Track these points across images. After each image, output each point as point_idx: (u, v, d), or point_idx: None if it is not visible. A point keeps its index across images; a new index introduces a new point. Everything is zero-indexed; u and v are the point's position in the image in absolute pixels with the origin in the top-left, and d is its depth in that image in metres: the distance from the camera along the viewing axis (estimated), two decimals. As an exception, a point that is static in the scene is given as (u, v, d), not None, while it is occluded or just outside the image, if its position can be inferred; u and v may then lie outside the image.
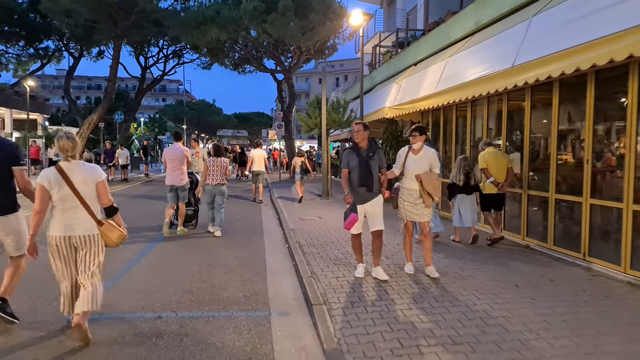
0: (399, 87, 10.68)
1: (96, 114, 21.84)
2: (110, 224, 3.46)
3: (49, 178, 3.26)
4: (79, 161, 3.38)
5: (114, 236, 3.44)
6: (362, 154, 4.78)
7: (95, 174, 3.41)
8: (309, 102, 13.68)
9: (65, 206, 3.30)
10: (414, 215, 5.00)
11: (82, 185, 3.31)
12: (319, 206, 11.31)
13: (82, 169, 3.35)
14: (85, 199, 3.32)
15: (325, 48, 26.28)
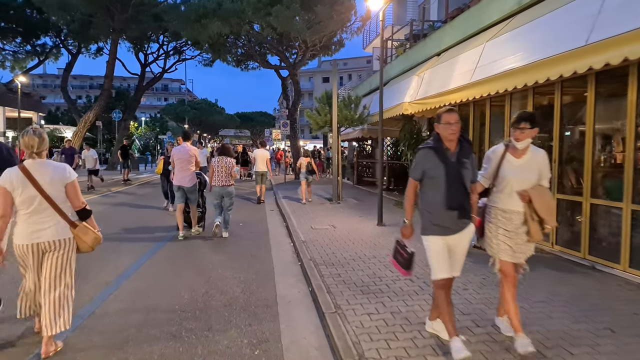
0: (421, 80, 9.56)
1: (92, 112, 20.83)
2: (85, 226, 3.21)
3: (12, 179, 2.98)
4: (45, 160, 3.09)
5: (89, 239, 3.21)
6: (451, 159, 3.04)
7: (64, 174, 3.12)
8: (318, 98, 12.58)
9: (29, 210, 3.01)
10: (511, 252, 3.20)
11: (50, 187, 3.03)
12: (331, 212, 10.20)
13: (49, 168, 3.06)
14: (54, 199, 3.05)
15: (332, 43, 25.16)
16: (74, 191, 3.15)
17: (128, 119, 27.37)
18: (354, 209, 10.70)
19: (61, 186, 3.10)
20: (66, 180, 3.11)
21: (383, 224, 8.37)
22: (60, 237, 3.11)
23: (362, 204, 11.87)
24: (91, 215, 3.30)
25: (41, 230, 3.05)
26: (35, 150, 3.03)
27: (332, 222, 8.80)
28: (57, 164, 3.18)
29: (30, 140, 3.00)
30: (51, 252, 3.11)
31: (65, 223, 3.12)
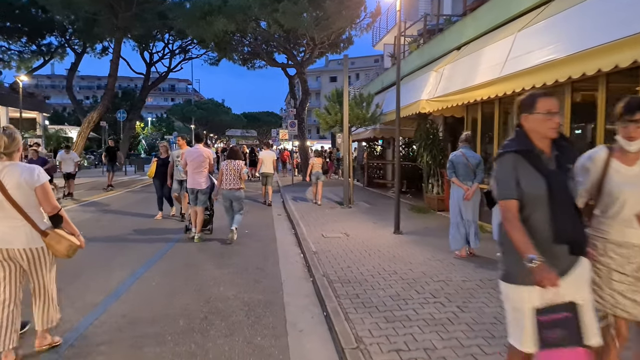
0: (440, 76, 8.89)
1: (96, 112, 20.35)
2: (58, 234, 2.96)
3: None
4: (14, 162, 2.90)
5: (62, 247, 2.97)
6: (549, 167, 2.09)
7: (32, 177, 2.89)
8: (328, 96, 11.94)
9: (1, 214, 2.86)
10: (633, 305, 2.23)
11: (16, 191, 2.83)
12: (342, 218, 9.55)
13: (16, 171, 2.87)
14: (22, 206, 2.85)
15: (341, 41, 24.51)
16: (44, 195, 2.92)
17: (133, 119, 26.94)
18: (367, 214, 10.04)
19: (29, 190, 2.88)
20: (35, 183, 2.88)
21: (400, 232, 7.70)
22: (32, 246, 2.92)
23: (374, 208, 11.21)
24: (63, 221, 3.04)
25: (12, 235, 2.89)
26: (3, 151, 2.84)
27: (344, 229, 8.16)
28: (27, 166, 2.94)
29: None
30: (26, 263, 2.96)
31: (35, 231, 2.91)
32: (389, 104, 11.86)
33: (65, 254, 3.00)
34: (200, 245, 7.08)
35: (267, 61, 23.78)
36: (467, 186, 5.71)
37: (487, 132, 8.53)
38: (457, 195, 5.85)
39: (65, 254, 3.00)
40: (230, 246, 6.99)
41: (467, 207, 5.79)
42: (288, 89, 25.46)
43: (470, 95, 7.08)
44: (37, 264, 2.99)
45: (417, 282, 4.79)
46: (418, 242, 6.94)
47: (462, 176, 5.75)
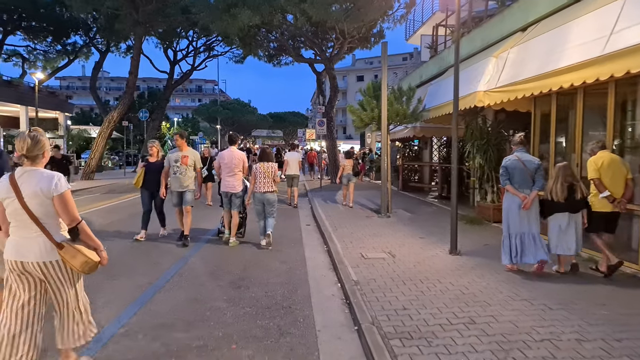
0: (503, 62, 7.37)
1: (116, 111, 19.57)
2: (74, 247, 2.66)
3: (1, 189, 2.64)
4: (36, 168, 2.66)
5: (77, 263, 2.66)
6: None
7: (50, 185, 2.60)
8: (363, 90, 10.54)
9: (17, 224, 2.65)
10: None
11: (32, 199, 2.59)
12: (381, 230, 8.14)
13: (35, 178, 2.62)
14: (38, 216, 2.61)
15: (371, 35, 23.06)
16: (62, 205, 2.65)
17: (157, 118, 26.20)
18: (410, 226, 8.59)
19: (46, 199, 2.63)
20: (52, 192, 2.63)
21: (458, 252, 6.24)
22: (47, 259, 2.66)
23: (417, 217, 9.75)
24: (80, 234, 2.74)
25: (27, 247, 2.66)
26: (26, 153, 2.63)
27: (387, 246, 6.76)
28: (46, 173, 2.67)
29: (21, 143, 2.63)
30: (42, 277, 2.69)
31: (51, 244, 2.65)
32: (432, 99, 10.37)
33: (80, 270, 2.73)
34: (218, 263, 5.83)
35: (294, 57, 22.55)
36: (525, 194, 5.13)
37: (563, 129, 6.96)
38: (512, 205, 5.25)
39: (80, 270, 2.73)
40: (252, 269, 5.71)
41: (525, 218, 5.19)
42: (314, 89, 24.23)
43: (553, 82, 5.55)
44: (54, 279, 2.71)
45: (511, 342, 3.35)
46: (485, 269, 5.47)
47: (518, 183, 5.19)
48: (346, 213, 10.34)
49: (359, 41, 22.46)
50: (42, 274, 2.68)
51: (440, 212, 10.57)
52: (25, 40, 28.51)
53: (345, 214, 10.16)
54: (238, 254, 6.56)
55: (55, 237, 2.67)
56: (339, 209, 11.10)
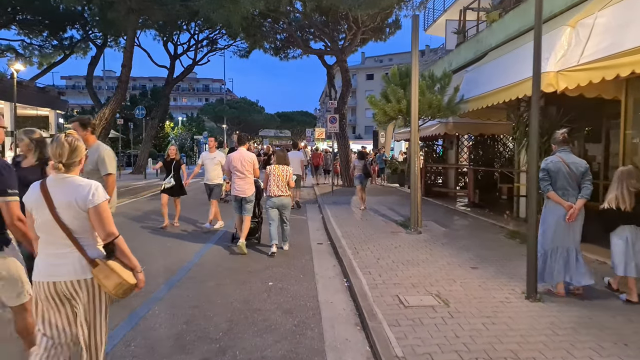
0: (588, 30, 5.45)
1: (108, 108, 17.88)
2: (108, 266, 2.31)
3: (30, 197, 2.35)
4: (70, 176, 2.34)
5: (110, 284, 2.30)
6: None
7: (86, 195, 2.30)
8: (388, 76, 8.65)
9: (47, 238, 2.34)
10: None
11: (65, 211, 2.29)
12: (416, 253, 6.27)
13: (69, 187, 2.32)
14: (72, 229, 2.30)
15: (387, 25, 21.25)
16: (97, 219, 2.31)
17: (156, 116, 24.53)
18: (450, 246, 6.70)
19: (81, 212, 2.29)
20: (88, 203, 2.29)
21: (539, 298, 4.33)
22: (80, 277, 2.32)
23: (454, 233, 7.86)
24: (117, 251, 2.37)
25: (58, 265, 2.31)
26: (64, 161, 2.29)
27: (431, 282, 4.89)
28: (82, 182, 2.34)
29: (57, 149, 2.28)
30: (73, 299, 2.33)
31: (84, 260, 2.32)
32: (471, 88, 8.47)
33: (113, 293, 2.33)
34: (193, 315, 4.00)
35: (303, 49, 20.74)
36: (570, 203, 4.37)
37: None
38: (553, 215, 4.47)
39: (113, 293, 2.33)
40: (241, 325, 3.87)
41: (569, 231, 4.44)
42: (323, 88, 22.51)
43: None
44: (87, 299, 2.32)
45: None
46: (593, 325, 3.59)
47: (562, 189, 4.44)
48: (365, 226, 8.48)
49: (372, 32, 20.59)
50: (75, 294, 2.33)
51: (480, 226, 8.67)
52: (20, 34, 27.11)
53: (364, 228, 8.30)
54: (230, 291, 4.73)
55: (90, 253, 2.34)
56: (356, 220, 9.25)
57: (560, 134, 4.56)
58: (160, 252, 6.55)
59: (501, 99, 7.02)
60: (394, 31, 21.65)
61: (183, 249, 6.87)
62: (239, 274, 5.50)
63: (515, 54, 7.56)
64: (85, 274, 2.33)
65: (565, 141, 4.52)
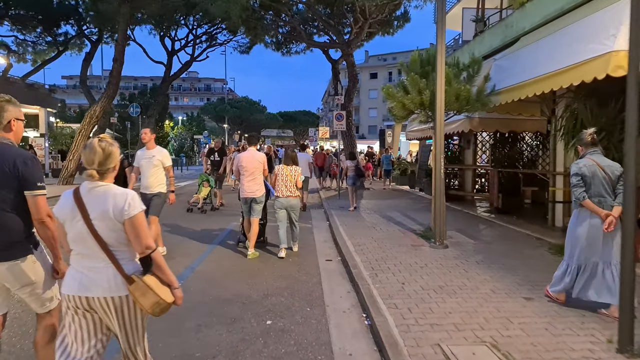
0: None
1: (99, 105, 16.76)
2: (145, 283, 2.12)
3: (62, 207, 2.18)
4: (105, 184, 2.19)
5: (147, 302, 2.12)
6: None
7: (122, 206, 2.13)
8: (406, 65, 7.47)
9: (79, 251, 2.18)
10: None
11: (101, 222, 2.13)
12: (448, 276, 5.10)
13: (104, 196, 2.15)
14: (108, 242, 2.14)
15: (395, 18, 20.09)
16: (133, 231, 2.13)
17: (152, 115, 23.43)
18: (487, 265, 5.52)
19: (117, 223, 2.12)
20: (123, 214, 2.12)
21: (637, 353, 3.15)
22: (115, 294, 2.13)
23: (485, 247, 6.67)
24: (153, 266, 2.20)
25: (92, 280, 2.13)
26: (97, 167, 2.14)
27: (480, 323, 3.72)
28: (118, 191, 2.17)
29: (90, 155, 2.14)
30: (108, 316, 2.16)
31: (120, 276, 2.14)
32: (502, 78, 7.29)
33: (150, 312, 2.15)
34: None
35: (307, 42, 19.58)
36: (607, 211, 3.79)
37: None
38: (587, 226, 3.91)
39: (150, 312, 2.15)
40: None
41: (608, 242, 3.85)
42: (325, 88, 21.33)
43: None
44: (122, 317, 2.16)
45: None
46: None
47: (598, 196, 3.88)
48: (380, 237, 7.32)
49: (380, 25, 19.41)
50: (108, 311, 2.15)
51: (513, 237, 7.49)
52: (13, 30, 26.10)
53: (379, 240, 7.14)
54: (213, 339, 3.57)
55: (127, 268, 2.16)
56: (368, 229, 8.10)
57: (589, 134, 4.10)
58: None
59: (547, 88, 5.84)
60: (402, 24, 20.48)
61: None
62: (230, 306, 4.34)
63: (560, 35, 6.39)
64: (121, 291, 2.16)
65: (594, 142, 4.08)
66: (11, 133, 2.49)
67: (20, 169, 2.37)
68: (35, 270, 2.46)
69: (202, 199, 10.64)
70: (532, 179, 11.44)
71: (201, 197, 10.62)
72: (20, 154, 2.42)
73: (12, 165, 2.35)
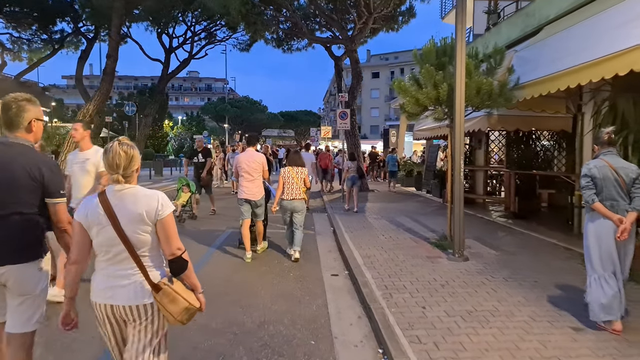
0: None
1: (92, 103, 16.07)
2: (173, 290, 2.05)
3: (87, 213, 2.06)
4: (132, 186, 2.09)
5: (176, 309, 2.04)
6: None
7: (154, 207, 2.05)
8: (419, 55, 6.72)
9: (107, 258, 2.06)
10: None
11: (131, 225, 2.03)
12: (475, 297, 4.37)
13: (133, 198, 2.06)
14: (136, 245, 2.04)
15: (400, 13, 19.37)
16: (165, 232, 2.06)
17: (150, 114, 22.73)
18: (521, 286, 4.78)
19: (148, 226, 2.03)
20: (158, 216, 2.04)
21: None
22: (139, 302, 2.03)
23: (511, 259, 5.94)
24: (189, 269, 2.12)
25: (117, 287, 2.03)
26: (122, 172, 2.05)
27: (525, 364, 3.00)
28: (147, 192, 2.10)
29: (115, 159, 2.04)
30: (130, 323, 2.06)
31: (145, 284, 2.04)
32: (526, 71, 6.56)
33: (178, 319, 2.04)
34: None
35: (309, 38, 18.86)
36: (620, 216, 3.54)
37: None
38: (600, 230, 3.62)
39: (178, 319, 2.04)
40: None
41: (621, 251, 3.61)
42: (326, 87, 20.64)
43: None
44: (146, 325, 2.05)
45: None
46: None
47: (610, 200, 3.62)
48: (391, 247, 6.60)
49: (384, 20, 18.70)
50: (131, 318, 2.04)
51: (538, 247, 6.77)
52: (8, 28, 25.46)
53: (390, 250, 6.43)
54: None
55: (154, 274, 2.07)
56: (376, 236, 7.39)
57: (606, 133, 3.83)
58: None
59: (584, 79, 5.10)
60: (407, 19, 19.76)
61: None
62: (219, 337, 3.62)
63: (595, 22, 5.65)
64: (146, 297, 2.05)
65: (611, 142, 3.81)
66: (31, 134, 2.39)
67: (46, 176, 2.32)
68: (40, 277, 2.38)
69: (181, 206, 9.18)
70: (549, 181, 10.72)
71: (179, 203, 9.14)
72: (45, 161, 2.37)
73: (38, 171, 2.30)
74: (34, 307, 2.36)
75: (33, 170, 2.28)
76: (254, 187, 6.25)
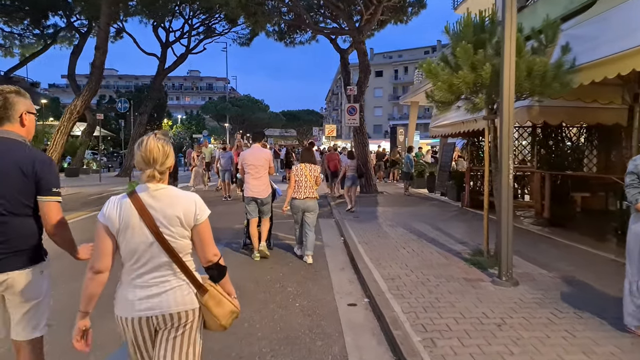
0: None
1: (80, 99, 14.96)
2: (219, 293, 1.93)
3: (116, 215, 1.83)
4: (167, 186, 1.90)
5: (223, 312, 1.91)
6: None
7: (192, 210, 1.88)
8: (453, 32, 5.50)
9: (140, 265, 1.84)
10: None
11: (169, 228, 1.84)
12: (545, 346, 3.18)
13: (170, 200, 1.86)
14: (176, 250, 1.85)
15: (409, 4, 18.20)
16: (201, 237, 1.90)
17: (145, 112, 21.61)
18: (599, 323, 3.59)
19: (185, 230, 1.86)
20: (196, 220, 1.87)
21: None
22: (181, 309, 1.84)
23: (569, 283, 4.75)
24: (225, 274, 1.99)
25: (155, 296, 1.82)
26: (159, 168, 1.85)
27: None
28: (183, 194, 1.92)
29: (153, 153, 1.83)
30: (166, 330, 1.85)
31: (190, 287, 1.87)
32: (584, 49, 5.36)
33: (223, 323, 1.92)
34: None
35: (313, 29, 17.68)
36: None
37: None
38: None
39: (223, 323, 1.92)
40: None
41: None
42: (329, 86, 19.48)
43: None
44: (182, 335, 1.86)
45: None
46: None
47: None
48: (417, 265, 5.43)
49: (393, 11, 17.52)
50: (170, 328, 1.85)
51: (592, 263, 5.61)
52: (0, 23, 24.44)
53: (417, 268, 5.26)
54: None
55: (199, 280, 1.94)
56: (397, 249, 6.21)
57: None
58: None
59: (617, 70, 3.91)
60: (417, 10, 18.59)
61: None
62: None
63: None
64: (190, 303, 1.87)
65: None
66: (24, 129, 2.20)
67: (39, 172, 2.11)
68: (43, 281, 2.20)
69: None
70: (582, 183, 9.53)
71: None
72: (39, 156, 2.16)
73: (31, 167, 2.10)
74: (40, 313, 2.20)
75: (28, 167, 2.08)
76: (261, 184, 6.12)
